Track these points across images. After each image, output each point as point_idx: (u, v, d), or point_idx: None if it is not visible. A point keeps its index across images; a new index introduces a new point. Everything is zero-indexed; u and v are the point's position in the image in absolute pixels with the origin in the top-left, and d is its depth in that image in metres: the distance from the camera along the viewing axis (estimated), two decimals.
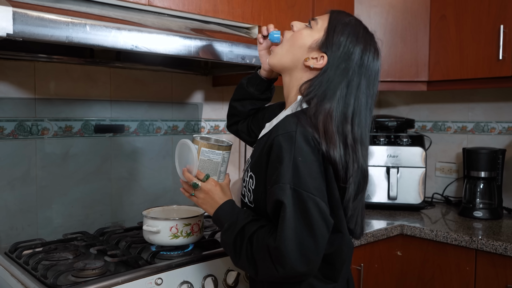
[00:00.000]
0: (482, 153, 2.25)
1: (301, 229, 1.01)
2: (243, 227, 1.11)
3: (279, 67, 1.24)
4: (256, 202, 1.17)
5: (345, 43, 1.13)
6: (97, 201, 1.84)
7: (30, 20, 1.13)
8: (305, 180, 1.02)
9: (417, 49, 2.34)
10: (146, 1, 1.55)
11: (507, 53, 2.04)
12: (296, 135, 1.04)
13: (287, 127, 1.07)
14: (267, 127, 1.24)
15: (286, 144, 1.04)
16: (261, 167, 1.13)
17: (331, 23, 1.15)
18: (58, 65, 1.74)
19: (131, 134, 1.93)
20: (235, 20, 1.82)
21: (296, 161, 1.03)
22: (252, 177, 1.17)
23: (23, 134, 1.66)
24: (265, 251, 1.04)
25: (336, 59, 1.13)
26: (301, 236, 1.01)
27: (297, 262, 1.00)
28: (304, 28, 1.20)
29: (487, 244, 1.82)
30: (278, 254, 1.01)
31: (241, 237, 1.11)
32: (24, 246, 1.53)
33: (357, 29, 1.16)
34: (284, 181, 1.02)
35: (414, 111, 2.79)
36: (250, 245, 1.09)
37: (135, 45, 1.32)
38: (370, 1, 2.35)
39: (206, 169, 1.26)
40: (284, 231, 1.00)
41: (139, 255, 1.43)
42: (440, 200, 2.63)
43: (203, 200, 1.24)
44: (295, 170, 1.02)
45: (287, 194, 1.02)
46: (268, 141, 1.11)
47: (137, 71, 1.95)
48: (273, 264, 1.02)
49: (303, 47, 1.17)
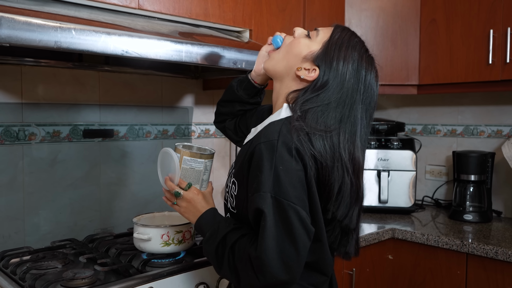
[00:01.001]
0: (472, 157, 2.26)
1: (282, 238, 1.00)
2: (225, 236, 1.10)
3: (272, 72, 1.22)
4: (238, 208, 1.15)
5: (343, 64, 1.09)
6: (86, 207, 1.81)
7: (17, 25, 1.10)
8: (286, 189, 1.01)
9: (408, 52, 2.34)
10: (136, 5, 1.53)
11: (496, 57, 2.05)
12: (278, 143, 1.02)
13: (269, 135, 1.05)
14: (252, 132, 1.21)
15: (267, 153, 1.02)
16: (243, 175, 1.11)
17: (332, 38, 1.12)
18: (46, 69, 1.71)
19: (121, 139, 1.91)
20: (226, 24, 1.81)
21: (277, 170, 1.01)
22: (235, 183, 1.15)
23: (10, 140, 1.63)
24: (247, 260, 1.03)
25: (332, 79, 1.09)
26: (282, 245, 1.00)
27: (278, 271, 0.99)
28: (304, 37, 1.17)
29: (478, 248, 1.83)
30: (259, 263, 0.99)
31: (223, 246, 1.10)
32: (11, 254, 1.50)
33: (358, 51, 1.12)
34: (264, 190, 1.01)
35: (404, 114, 2.79)
36: (232, 254, 1.08)
37: (126, 50, 1.29)
38: (361, 5, 2.35)
39: (189, 177, 1.24)
40: (265, 240, 0.99)
41: (129, 263, 1.41)
42: (430, 203, 2.64)
43: (185, 209, 1.23)
44: (275, 179, 1.01)
45: (267, 202, 1.00)
46: (250, 149, 1.08)
47: (127, 75, 1.92)
48: (254, 273, 1.01)
49: (298, 56, 1.15)
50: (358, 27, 2.35)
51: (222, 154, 2.30)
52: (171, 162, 1.25)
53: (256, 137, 1.11)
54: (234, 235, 1.09)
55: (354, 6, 2.34)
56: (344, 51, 1.10)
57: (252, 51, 1.63)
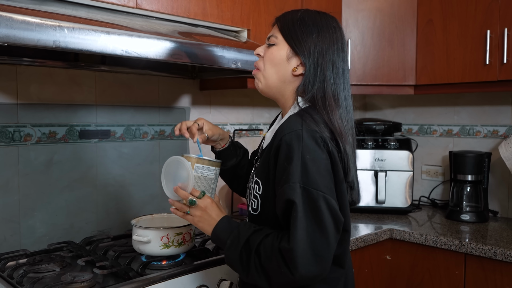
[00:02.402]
0: (469, 157, 2.26)
1: (313, 228, 1.01)
2: (247, 240, 1.09)
3: (270, 91, 1.23)
4: (262, 209, 1.15)
5: (308, 36, 1.15)
6: (82, 209, 1.79)
7: (15, 24, 1.08)
8: (314, 178, 1.03)
9: (405, 53, 2.34)
10: (134, 4, 1.51)
11: (493, 58, 2.06)
12: (303, 133, 1.05)
13: (293, 126, 1.08)
14: (268, 137, 1.23)
15: (294, 143, 1.04)
16: (268, 171, 1.12)
17: (284, 30, 1.18)
18: (41, 69, 1.68)
19: (117, 140, 1.88)
20: (224, 24, 1.79)
21: (304, 159, 1.03)
22: (258, 183, 1.16)
23: (5, 141, 1.60)
24: (277, 257, 1.02)
25: (311, 54, 1.14)
26: (313, 235, 1.01)
27: (310, 262, 1.00)
28: (269, 47, 1.20)
29: (476, 248, 1.83)
30: (292, 255, 0.99)
31: (247, 250, 1.08)
32: (7, 257, 1.47)
33: (310, 18, 1.18)
34: (294, 180, 1.02)
35: (400, 114, 2.80)
36: (258, 256, 1.06)
37: (125, 50, 1.27)
38: (358, 5, 2.34)
39: (200, 186, 1.21)
40: (297, 231, 1.00)
41: (129, 266, 1.39)
42: (426, 203, 2.64)
43: (200, 218, 1.19)
44: (303, 169, 1.02)
45: (297, 193, 1.02)
46: (275, 143, 1.10)
47: (123, 75, 1.90)
48: (287, 267, 1.01)
49: (281, 61, 1.18)
50: (355, 27, 2.34)
51: None
52: (181, 170, 1.20)
53: (279, 131, 1.12)
54: (256, 237, 1.08)
55: (351, 6, 2.34)
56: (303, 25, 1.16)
57: (251, 51, 1.62)
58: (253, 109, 2.42)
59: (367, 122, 2.52)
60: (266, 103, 2.46)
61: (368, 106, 2.97)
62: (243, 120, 2.38)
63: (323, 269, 1.03)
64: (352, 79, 2.34)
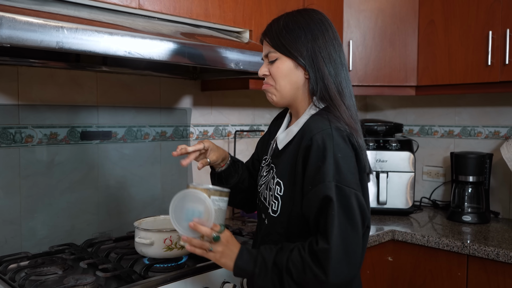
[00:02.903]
0: (471, 158, 2.26)
1: (346, 226, 1.02)
2: (274, 262, 1.07)
3: (285, 101, 1.23)
4: (283, 210, 1.14)
5: (297, 41, 1.15)
6: (84, 210, 1.78)
7: (18, 25, 1.06)
8: (346, 176, 1.05)
9: (406, 53, 2.34)
10: (136, 5, 1.50)
11: (495, 58, 2.05)
12: (332, 132, 1.08)
13: (321, 125, 1.09)
14: (282, 138, 1.22)
15: (326, 142, 1.06)
16: (294, 172, 1.12)
17: (275, 44, 1.18)
18: (43, 70, 1.67)
19: (119, 141, 1.87)
20: (227, 24, 1.79)
21: (336, 158, 1.05)
22: (279, 184, 1.15)
23: (6, 142, 1.59)
24: (309, 265, 1.02)
25: (306, 58, 1.15)
26: (346, 233, 1.02)
27: (342, 261, 1.01)
28: (272, 64, 1.20)
29: (479, 249, 1.83)
30: (326, 255, 1.00)
31: (277, 272, 1.06)
32: (9, 260, 1.46)
33: (293, 21, 1.18)
34: (329, 179, 1.03)
35: (401, 115, 2.79)
36: (289, 275, 1.05)
37: (128, 51, 1.26)
38: (359, 6, 2.34)
39: (217, 219, 1.13)
40: (333, 229, 1.01)
41: (131, 268, 1.38)
42: (427, 204, 2.64)
43: (222, 254, 1.11)
44: (336, 167, 1.04)
45: (333, 191, 1.03)
46: (304, 143, 1.10)
47: (124, 75, 1.89)
48: (322, 270, 1.00)
49: (290, 70, 1.18)
50: (356, 28, 2.34)
51: None
52: (197, 204, 1.11)
53: (305, 131, 1.12)
54: (282, 256, 1.07)
55: (352, 7, 2.33)
56: (287, 36, 1.16)
57: (253, 51, 1.62)
58: (254, 110, 2.41)
59: (368, 123, 2.51)
60: (267, 104, 2.44)
61: (369, 106, 2.96)
62: (244, 121, 2.37)
63: (355, 269, 1.04)
64: (354, 80, 2.34)
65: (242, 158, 2.34)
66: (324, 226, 1.03)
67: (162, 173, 2.02)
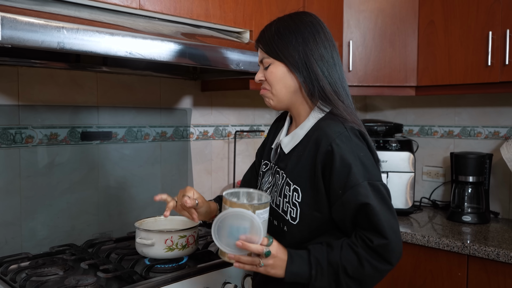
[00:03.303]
0: (471, 158, 2.26)
1: (389, 216, 1.07)
2: (329, 263, 1.08)
3: (283, 104, 1.24)
4: (302, 216, 1.14)
5: (288, 46, 1.16)
6: (84, 211, 1.78)
7: (19, 25, 1.06)
8: (373, 171, 1.10)
9: (406, 54, 2.34)
10: (137, 5, 1.50)
11: (495, 59, 2.06)
12: (349, 133, 1.11)
13: (337, 129, 1.12)
14: (287, 142, 1.22)
15: (347, 145, 1.09)
16: (312, 177, 1.13)
17: (268, 50, 1.19)
18: (43, 70, 1.67)
19: (119, 141, 1.87)
20: (227, 25, 1.79)
21: (360, 158, 1.09)
22: (297, 190, 1.15)
23: (6, 143, 1.58)
24: (371, 259, 1.06)
25: (298, 62, 1.16)
26: (392, 222, 1.07)
27: (399, 246, 1.08)
28: (267, 69, 1.20)
29: (479, 249, 1.83)
30: (391, 247, 1.05)
31: (332, 271, 1.07)
32: (9, 260, 1.46)
33: (284, 26, 1.19)
34: (362, 179, 1.07)
35: (400, 115, 2.79)
36: (344, 271, 1.07)
37: (129, 51, 1.26)
38: (359, 6, 2.34)
39: (264, 231, 1.07)
40: (383, 223, 1.05)
41: (132, 269, 1.38)
42: (427, 204, 2.64)
43: (273, 265, 1.08)
44: (363, 166, 1.08)
45: (369, 190, 1.07)
46: (322, 149, 1.11)
47: (125, 76, 1.89)
48: (386, 261, 1.06)
49: (284, 74, 1.19)
50: (356, 28, 2.34)
51: (220, 157, 2.27)
52: (242, 221, 1.04)
53: (321, 136, 1.13)
54: (334, 254, 1.09)
55: (352, 7, 2.33)
56: (278, 42, 1.17)
57: (253, 52, 1.62)
58: (254, 110, 2.41)
59: (368, 124, 2.51)
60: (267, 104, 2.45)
61: (368, 107, 2.96)
62: (244, 121, 2.37)
63: (402, 246, 1.10)
64: (353, 80, 2.34)
65: (242, 159, 2.35)
66: (371, 223, 1.06)
67: (162, 173, 2.01)
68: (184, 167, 2.10)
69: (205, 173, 2.20)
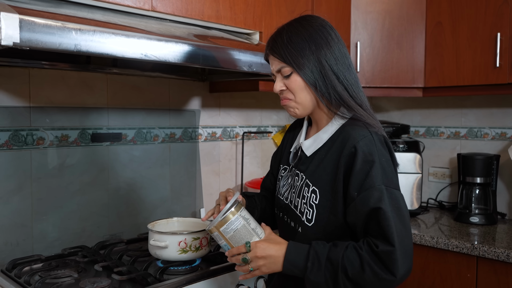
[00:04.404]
0: (478, 159, 2.27)
1: (400, 227, 1.04)
2: (328, 258, 1.05)
3: (308, 111, 1.23)
4: (317, 218, 1.14)
5: (303, 54, 1.15)
6: (94, 212, 1.77)
7: (37, 28, 1.06)
8: (392, 179, 1.09)
9: (413, 55, 2.34)
10: (149, 7, 1.50)
11: (504, 60, 2.06)
12: (373, 137, 1.11)
13: (360, 132, 1.11)
14: (308, 145, 1.22)
15: (370, 148, 1.09)
16: (333, 179, 1.12)
17: (285, 59, 1.16)
18: (54, 72, 1.67)
19: (129, 143, 1.87)
20: (237, 26, 1.79)
21: (382, 162, 1.08)
22: (315, 192, 1.15)
23: (18, 145, 1.58)
24: (373, 265, 1.02)
25: (313, 70, 1.15)
26: (402, 233, 1.04)
27: (406, 259, 1.02)
28: (287, 78, 1.18)
29: (489, 251, 1.83)
30: (395, 256, 1.01)
31: (331, 268, 1.05)
32: (22, 263, 1.46)
33: (295, 34, 1.17)
34: (379, 183, 1.05)
35: (406, 116, 2.80)
36: (344, 272, 1.04)
37: (144, 53, 1.26)
38: (367, 7, 2.34)
39: (240, 239, 1.13)
40: (392, 230, 1.02)
41: (146, 271, 1.38)
42: (433, 205, 2.64)
43: (265, 265, 1.10)
44: (383, 171, 1.07)
45: (384, 194, 1.05)
46: (345, 151, 1.11)
47: (134, 77, 1.89)
48: (388, 270, 1.01)
49: (303, 84, 1.17)
50: (364, 30, 2.34)
51: (228, 158, 2.27)
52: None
53: (345, 139, 1.13)
54: (336, 252, 1.06)
55: (360, 8, 2.33)
56: (292, 51, 1.15)
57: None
58: (261, 111, 2.41)
59: None
60: (274, 105, 2.46)
61: (374, 108, 2.95)
62: (252, 122, 2.37)
63: (411, 264, 1.05)
64: (361, 81, 2.34)
65: (250, 160, 2.35)
66: (381, 229, 1.03)
67: (171, 174, 2.01)
68: (193, 168, 2.10)
69: (213, 175, 2.20)
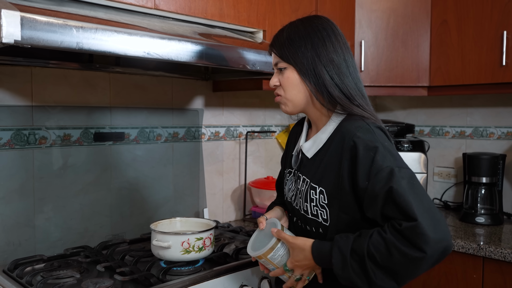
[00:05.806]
0: (484, 159, 2.24)
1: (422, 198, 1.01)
2: (353, 249, 1.04)
3: (299, 109, 1.24)
4: (332, 216, 1.13)
5: (298, 52, 1.17)
6: (97, 212, 1.76)
7: (39, 25, 1.05)
8: (397, 157, 1.08)
9: (418, 54, 2.32)
10: (152, 5, 1.49)
11: (510, 59, 2.03)
12: (370, 126, 1.10)
13: (356, 124, 1.11)
14: (308, 147, 1.22)
15: (369, 136, 1.08)
16: (337, 177, 1.11)
17: (282, 55, 1.19)
18: (56, 71, 1.65)
19: (131, 142, 1.86)
20: (241, 24, 1.77)
21: (384, 146, 1.07)
22: (323, 192, 1.14)
23: (20, 144, 1.57)
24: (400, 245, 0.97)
25: (307, 68, 1.16)
26: (426, 204, 1.01)
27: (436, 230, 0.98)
28: (279, 72, 1.22)
29: (495, 251, 1.81)
30: (420, 229, 0.96)
31: (357, 259, 1.03)
32: (24, 263, 1.45)
33: (295, 32, 1.19)
34: (387, 164, 1.04)
35: (411, 116, 2.77)
36: (371, 259, 1.01)
37: (147, 51, 1.25)
38: (371, 5, 2.32)
39: (280, 261, 1.21)
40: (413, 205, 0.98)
41: (149, 271, 1.36)
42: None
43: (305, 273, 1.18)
44: (389, 153, 1.06)
45: (394, 173, 1.02)
46: (345, 146, 1.10)
47: (137, 76, 1.87)
48: (417, 248, 0.96)
49: (299, 80, 1.18)
50: (368, 28, 2.32)
51: (231, 157, 2.25)
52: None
53: (343, 134, 1.12)
54: (360, 241, 1.04)
55: (364, 6, 2.32)
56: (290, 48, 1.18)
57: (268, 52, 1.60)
58: (265, 110, 2.39)
59: None
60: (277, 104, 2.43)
61: (378, 107, 2.94)
62: (255, 121, 2.35)
63: (444, 235, 1.00)
64: (365, 80, 2.32)
65: (253, 159, 2.34)
66: (398, 207, 1.00)
67: (174, 174, 2.00)
68: (196, 168, 2.08)
69: (216, 174, 2.19)
